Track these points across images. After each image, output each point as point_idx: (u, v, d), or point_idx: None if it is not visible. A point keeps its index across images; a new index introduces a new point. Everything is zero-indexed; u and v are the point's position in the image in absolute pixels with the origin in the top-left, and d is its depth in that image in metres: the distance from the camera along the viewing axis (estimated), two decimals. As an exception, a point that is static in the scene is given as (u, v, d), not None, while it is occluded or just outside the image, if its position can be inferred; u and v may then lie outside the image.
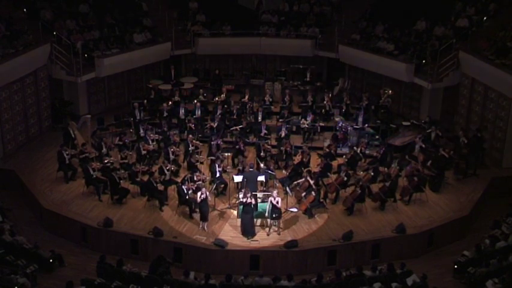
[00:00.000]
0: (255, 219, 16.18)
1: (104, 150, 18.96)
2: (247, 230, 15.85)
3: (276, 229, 16.09)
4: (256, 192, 16.81)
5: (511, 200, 17.66)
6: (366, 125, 20.97)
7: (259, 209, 16.66)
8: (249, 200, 15.66)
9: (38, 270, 14.08)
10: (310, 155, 18.85)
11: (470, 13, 22.06)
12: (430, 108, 22.35)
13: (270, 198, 15.93)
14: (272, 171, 17.87)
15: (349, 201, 16.93)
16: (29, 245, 14.86)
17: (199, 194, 16.00)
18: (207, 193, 16.21)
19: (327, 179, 18.03)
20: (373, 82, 24.17)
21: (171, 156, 18.73)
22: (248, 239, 15.75)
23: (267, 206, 16.80)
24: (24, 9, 21.61)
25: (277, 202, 15.75)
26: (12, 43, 19.66)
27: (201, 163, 18.97)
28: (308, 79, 24.21)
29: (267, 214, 16.16)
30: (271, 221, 16.08)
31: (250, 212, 15.91)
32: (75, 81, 21.31)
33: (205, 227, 16.08)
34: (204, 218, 16.10)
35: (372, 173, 17.81)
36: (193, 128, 20.64)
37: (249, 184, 16.99)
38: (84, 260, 15.41)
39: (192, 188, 16.61)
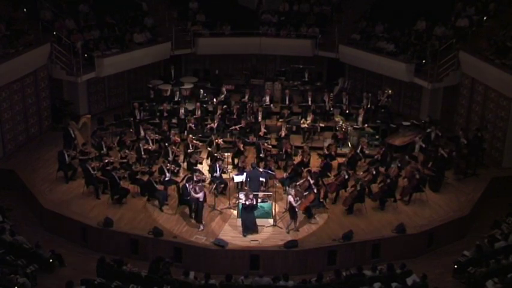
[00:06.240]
0: (261, 219, 16.24)
1: (104, 150, 18.99)
2: (249, 227, 15.85)
3: (294, 227, 16.18)
4: (258, 191, 16.84)
5: (511, 200, 17.67)
6: (366, 125, 20.98)
7: (261, 209, 16.72)
8: (249, 202, 15.68)
9: (38, 270, 14.06)
10: (311, 155, 18.86)
11: (470, 13, 22.06)
12: (430, 108, 22.37)
13: (289, 197, 15.99)
14: (272, 171, 17.88)
15: (348, 201, 16.95)
16: (29, 245, 14.85)
17: (201, 194, 16.08)
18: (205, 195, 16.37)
19: (327, 179, 18.04)
20: (373, 82, 24.18)
21: (171, 156, 18.74)
22: (245, 236, 15.78)
23: (270, 206, 16.86)
24: (24, 9, 21.59)
25: (296, 201, 15.87)
26: (12, 43, 19.66)
27: (201, 163, 18.99)
28: (307, 79, 24.22)
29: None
30: (291, 219, 16.12)
31: (251, 211, 15.92)
32: (75, 81, 21.30)
33: (201, 227, 16.20)
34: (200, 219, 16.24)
35: (374, 172, 17.79)
36: (193, 128, 20.65)
37: (251, 183, 17.01)
38: (84, 260, 15.40)
39: (194, 188, 16.60)
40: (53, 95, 21.76)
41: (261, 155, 19.07)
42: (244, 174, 17.33)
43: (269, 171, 17.72)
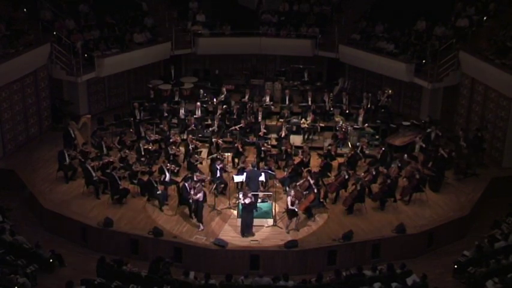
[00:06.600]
0: (260, 219, 16.22)
1: (104, 150, 18.99)
2: (246, 230, 15.86)
3: (294, 226, 16.17)
4: (257, 191, 16.84)
5: (511, 200, 17.66)
6: (366, 125, 20.99)
7: (262, 209, 16.72)
8: (248, 200, 15.69)
9: (38, 270, 14.06)
10: (311, 155, 18.86)
11: (470, 13, 22.06)
12: (430, 108, 22.37)
13: (288, 198, 15.96)
14: (272, 171, 17.88)
15: (348, 201, 16.95)
16: (29, 245, 14.85)
17: (200, 195, 16.11)
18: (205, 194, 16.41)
19: (327, 179, 18.03)
20: (373, 82, 24.18)
21: (171, 156, 18.74)
22: (246, 236, 15.80)
23: (270, 206, 16.85)
24: (24, 9, 21.59)
25: (294, 203, 15.85)
26: (12, 43, 19.66)
27: (201, 163, 18.98)
28: (306, 79, 24.23)
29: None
30: (290, 220, 16.11)
31: (251, 211, 15.92)
32: (75, 81, 21.31)
33: (201, 227, 16.19)
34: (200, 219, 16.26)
35: (374, 173, 17.80)
36: (193, 128, 20.65)
37: (251, 183, 17.00)
38: (84, 260, 15.40)
39: (194, 187, 16.58)
40: (53, 95, 21.76)
41: (261, 155, 19.07)
42: (244, 174, 17.33)
43: (269, 171, 17.72)
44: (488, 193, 18.32)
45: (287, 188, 17.08)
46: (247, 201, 15.72)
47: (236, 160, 19.18)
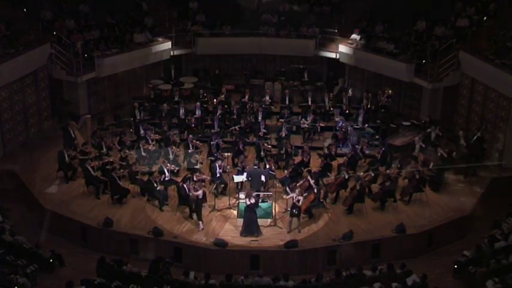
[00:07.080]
0: (260, 219, 16.23)
1: (104, 150, 18.99)
2: (253, 230, 15.85)
3: (296, 227, 16.15)
4: (259, 189, 16.84)
5: (511, 200, 17.66)
6: (366, 125, 20.98)
7: (262, 208, 16.71)
8: (252, 201, 15.69)
9: (38, 270, 14.05)
10: (311, 155, 18.86)
11: (470, 13, 22.06)
12: (430, 108, 22.36)
13: (291, 195, 15.96)
14: (272, 171, 17.88)
15: (348, 201, 16.95)
16: (29, 245, 14.84)
17: (200, 192, 16.11)
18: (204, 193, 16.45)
19: (327, 179, 18.03)
20: (373, 82, 24.17)
21: (171, 156, 18.75)
22: (245, 236, 15.78)
23: (270, 206, 16.84)
24: (24, 9, 21.59)
25: (298, 201, 15.81)
26: (12, 43, 19.66)
27: (201, 163, 18.98)
28: (306, 79, 24.22)
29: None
30: (292, 218, 16.10)
31: (254, 211, 15.93)
32: (75, 81, 21.30)
33: (201, 225, 16.18)
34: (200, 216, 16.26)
35: (372, 174, 17.79)
36: (194, 128, 20.65)
37: (253, 181, 17.00)
38: (84, 260, 15.40)
39: (193, 187, 16.59)
40: (53, 95, 21.75)
41: (261, 155, 19.07)
42: (245, 174, 17.33)
43: (269, 171, 17.71)
44: (488, 193, 18.32)
45: (287, 188, 17.07)
46: (252, 201, 15.72)
47: (236, 160, 19.18)
